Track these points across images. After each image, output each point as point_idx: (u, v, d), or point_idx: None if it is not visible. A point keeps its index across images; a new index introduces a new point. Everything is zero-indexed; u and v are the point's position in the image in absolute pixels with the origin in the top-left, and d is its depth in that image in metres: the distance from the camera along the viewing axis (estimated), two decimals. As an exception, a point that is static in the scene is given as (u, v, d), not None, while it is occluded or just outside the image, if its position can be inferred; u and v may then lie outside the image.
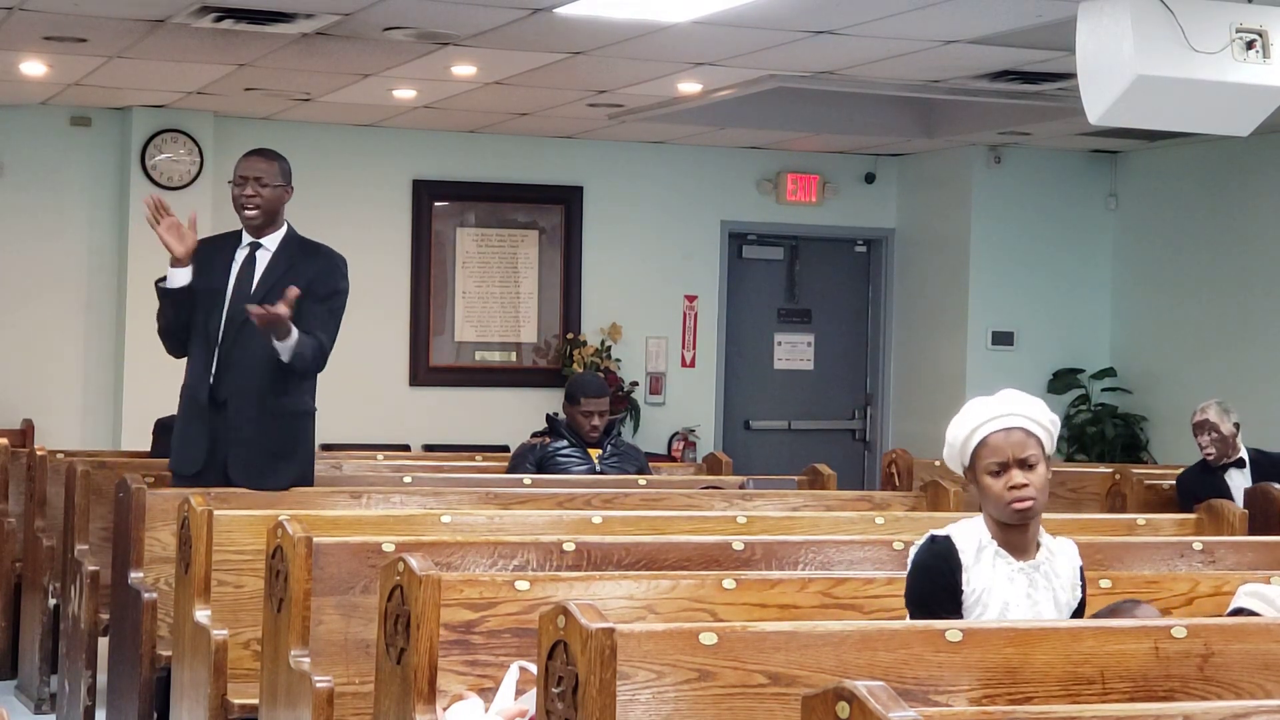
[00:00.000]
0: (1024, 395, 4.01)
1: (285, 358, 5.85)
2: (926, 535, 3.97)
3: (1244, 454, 7.72)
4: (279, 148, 6.46)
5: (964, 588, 3.83)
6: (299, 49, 8.38)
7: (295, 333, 5.84)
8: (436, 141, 11.18)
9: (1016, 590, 3.86)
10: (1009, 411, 3.94)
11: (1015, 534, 3.90)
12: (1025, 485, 3.86)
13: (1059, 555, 3.96)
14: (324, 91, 9.69)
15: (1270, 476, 7.17)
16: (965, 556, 3.87)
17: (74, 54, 8.67)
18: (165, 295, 6.00)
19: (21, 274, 10.44)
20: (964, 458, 3.98)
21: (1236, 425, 7.72)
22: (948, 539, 3.91)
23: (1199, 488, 7.32)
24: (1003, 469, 3.88)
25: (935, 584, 3.83)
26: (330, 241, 6.41)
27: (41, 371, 10.45)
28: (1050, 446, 3.97)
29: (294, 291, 5.77)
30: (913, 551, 3.99)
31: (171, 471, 6.10)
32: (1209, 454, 7.66)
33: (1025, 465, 3.89)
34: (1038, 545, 3.93)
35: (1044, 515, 3.95)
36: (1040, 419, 3.96)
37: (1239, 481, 7.51)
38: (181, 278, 5.96)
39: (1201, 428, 7.72)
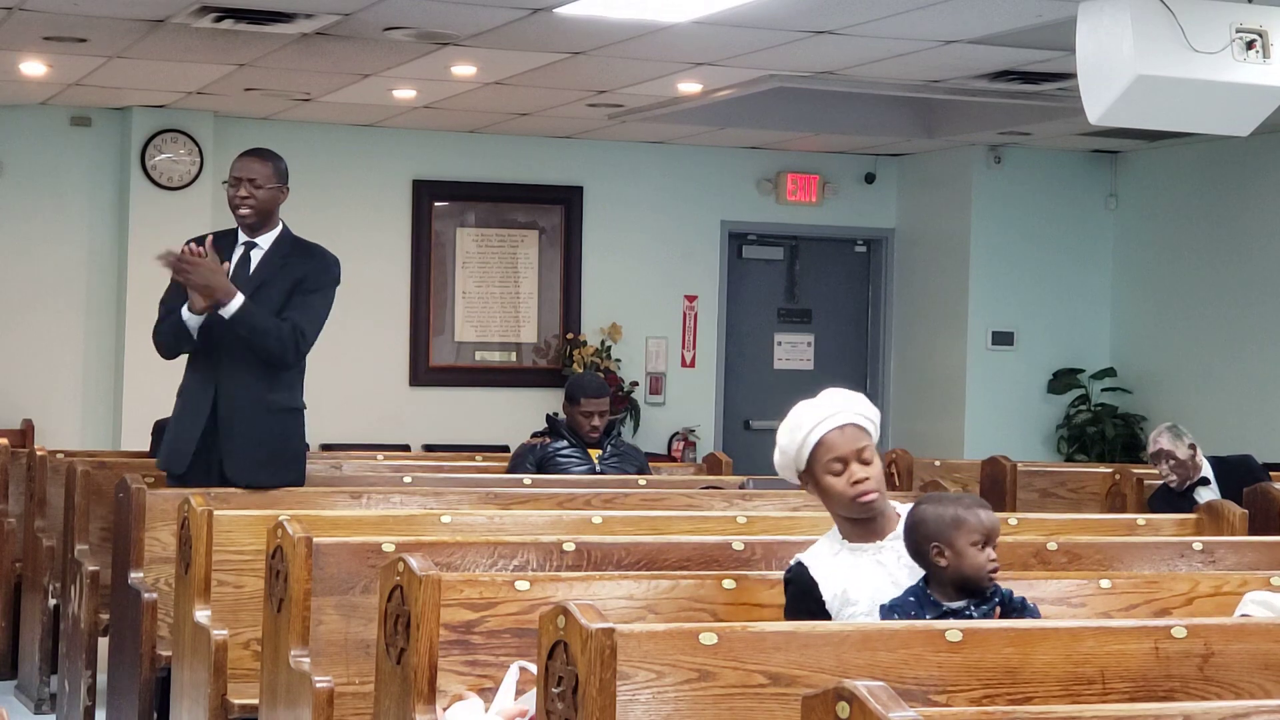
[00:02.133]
0: (847, 392, 4.08)
1: (227, 316, 5.85)
2: (793, 563, 4.04)
3: (1206, 471, 7.65)
4: (279, 148, 6.45)
5: (825, 598, 3.91)
6: (299, 49, 8.38)
7: (240, 298, 5.84)
8: (436, 141, 11.18)
9: (879, 573, 3.95)
10: (840, 409, 4.01)
11: (864, 524, 4.02)
12: (866, 479, 3.96)
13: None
14: (324, 91, 9.69)
15: (1237, 482, 7.12)
16: (817, 572, 3.95)
17: (74, 54, 8.67)
18: (181, 329, 5.97)
19: (21, 274, 10.44)
20: (799, 462, 4.03)
21: (1192, 446, 7.61)
22: (799, 564, 4.00)
23: (1170, 511, 7.28)
24: (844, 465, 3.96)
25: (799, 607, 3.92)
26: (330, 241, 6.41)
27: (42, 371, 10.45)
28: (876, 438, 4.08)
29: (209, 240, 5.84)
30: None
31: (163, 469, 6.09)
32: (1171, 481, 7.57)
33: (862, 460, 3.97)
34: (896, 516, 4.03)
35: (1044, 515, 3.96)
36: (868, 414, 4.06)
37: (1208, 498, 7.46)
38: (195, 322, 5.94)
39: (1158, 457, 7.61)
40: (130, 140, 10.40)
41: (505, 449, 9.66)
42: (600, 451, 7.38)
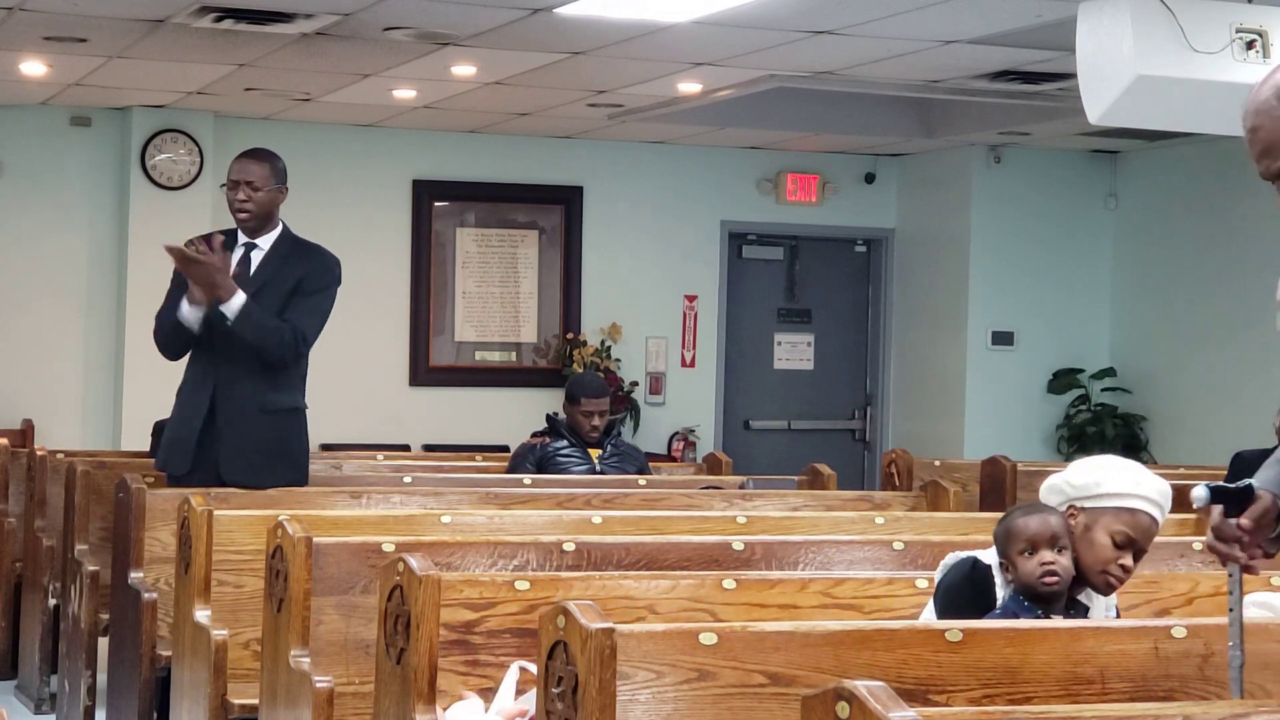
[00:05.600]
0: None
1: (230, 319, 5.81)
2: (968, 558, 3.94)
3: None
4: (278, 148, 6.45)
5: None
6: (299, 49, 8.38)
7: (242, 296, 5.82)
8: (436, 141, 11.18)
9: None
10: (1163, 501, 3.92)
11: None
12: (1130, 569, 3.89)
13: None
14: (324, 91, 9.69)
15: None
16: (1001, 590, 3.91)
17: (74, 54, 8.67)
18: (179, 326, 5.96)
19: (22, 274, 10.44)
20: (1081, 498, 3.91)
21: None
22: (989, 569, 3.91)
23: (1242, 477, 7.32)
24: (1122, 547, 3.87)
25: (964, 612, 3.82)
26: (330, 242, 6.41)
27: (42, 371, 10.45)
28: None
29: (219, 239, 5.78)
30: (944, 568, 3.98)
31: (161, 471, 6.09)
32: None
33: (1136, 553, 3.89)
34: None
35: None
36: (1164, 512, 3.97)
37: None
38: (196, 317, 5.93)
39: None
40: (130, 140, 10.40)
41: (505, 449, 9.66)
42: (600, 451, 7.38)
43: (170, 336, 6.01)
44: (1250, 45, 6.40)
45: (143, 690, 5.52)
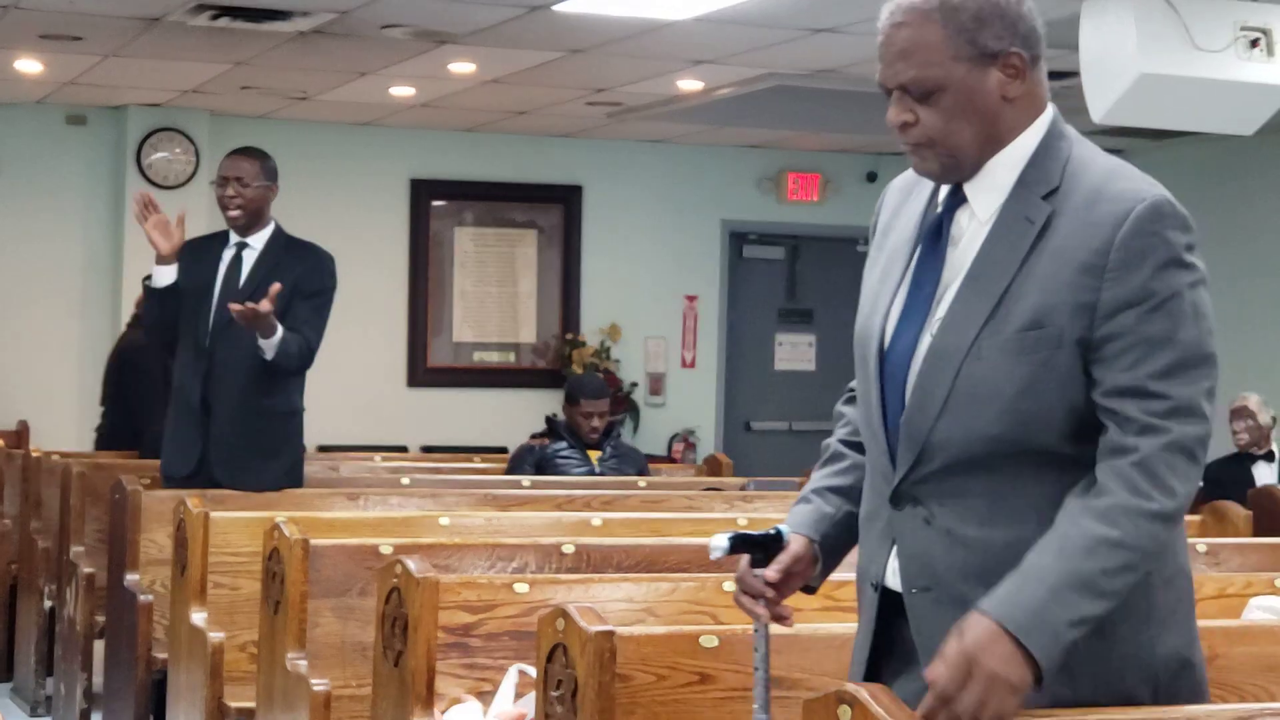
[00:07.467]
0: None
1: (270, 355, 5.79)
2: None
3: (1275, 448, 7.85)
4: (275, 146, 6.42)
5: None
6: (295, 47, 8.36)
7: (280, 330, 5.78)
8: (434, 140, 11.16)
9: None
10: None
11: None
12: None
13: None
14: (321, 90, 9.66)
15: None
16: None
17: (69, 52, 8.65)
18: (151, 294, 5.97)
19: (16, 273, 10.42)
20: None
21: (1274, 419, 7.89)
22: None
23: (1225, 477, 7.39)
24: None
25: None
26: (327, 241, 6.37)
27: (37, 372, 10.42)
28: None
29: (276, 287, 5.73)
30: None
31: (162, 475, 6.06)
32: (1241, 440, 7.82)
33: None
34: None
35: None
36: None
37: (1265, 474, 7.63)
38: (167, 275, 5.91)
39: (1239, 414, 7.88)
40: (126, 139, 10.38)
41: (504, 450, 9.63)
42: (600, 453, 7.36)
43: (149, 307, 6.01)
44: (1254, 43, 6.38)
45: (139, 693, 5.49)
